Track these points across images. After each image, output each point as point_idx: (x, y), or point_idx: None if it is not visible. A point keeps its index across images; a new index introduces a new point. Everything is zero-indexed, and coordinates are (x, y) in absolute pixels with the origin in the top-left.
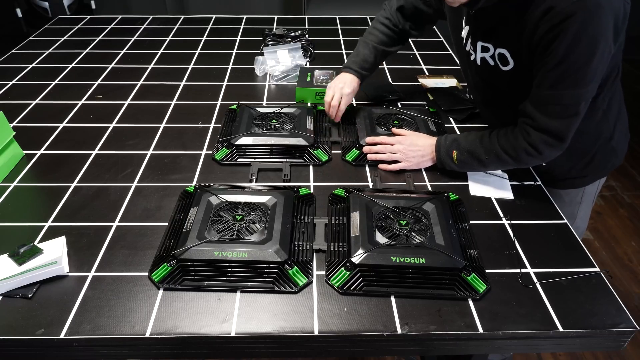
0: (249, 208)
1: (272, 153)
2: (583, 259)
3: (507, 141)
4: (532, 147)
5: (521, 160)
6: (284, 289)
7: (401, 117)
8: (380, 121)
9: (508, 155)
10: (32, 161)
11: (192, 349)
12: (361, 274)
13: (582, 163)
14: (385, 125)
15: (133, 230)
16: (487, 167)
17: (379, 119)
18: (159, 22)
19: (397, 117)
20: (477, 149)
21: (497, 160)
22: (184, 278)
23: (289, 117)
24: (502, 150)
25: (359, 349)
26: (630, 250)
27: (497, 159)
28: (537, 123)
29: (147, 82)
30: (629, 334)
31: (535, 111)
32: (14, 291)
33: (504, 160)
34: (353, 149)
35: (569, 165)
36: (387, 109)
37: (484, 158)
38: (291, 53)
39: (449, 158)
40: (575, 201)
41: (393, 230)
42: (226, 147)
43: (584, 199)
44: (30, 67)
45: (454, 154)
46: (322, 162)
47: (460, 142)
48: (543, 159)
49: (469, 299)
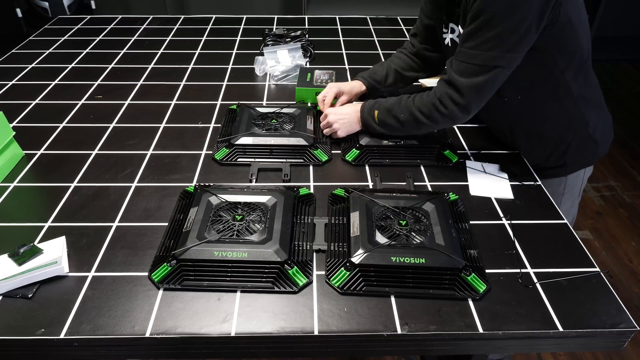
0: (249, 208)
1: (272, 153)
2: (583, 259)
3: (421, 99)
4: (440, 101)
5: (432, 117)
6: (284, 289)
7: None
8: None
9: (421, 112)
10: (32, 161)
11: (192, 349)
12: (361, 274)
13: (559, 151)
14: None
15: (133, 230)
16: (404, 127)
17: None
18: (159, 22)
19: None
20: (395, 108)
21: (412, 118)
22: (184, 278)
23: (289, 117)
24: (416, 108)
25: (359, 349)
26: (630, 250)
27: (412, 117)
28: (448, 77)
29: (147, 82)
30: (629, 334)
31: (450, 67)
32: (14, 291)
33: (418, 119)
34: (353, 149)
35: (544, 152)
36: None
37: (400, 116)
38: (291, 53)
39: (371, 118)
40: (558, 192)
41: (393, 230)
42: (226, 147)
43: (567, 190)
44: (30, 67)
45: (375, 114)
46: (322, 162)
47: (382, 103)
48: (450, 116)
49: (469, 299)
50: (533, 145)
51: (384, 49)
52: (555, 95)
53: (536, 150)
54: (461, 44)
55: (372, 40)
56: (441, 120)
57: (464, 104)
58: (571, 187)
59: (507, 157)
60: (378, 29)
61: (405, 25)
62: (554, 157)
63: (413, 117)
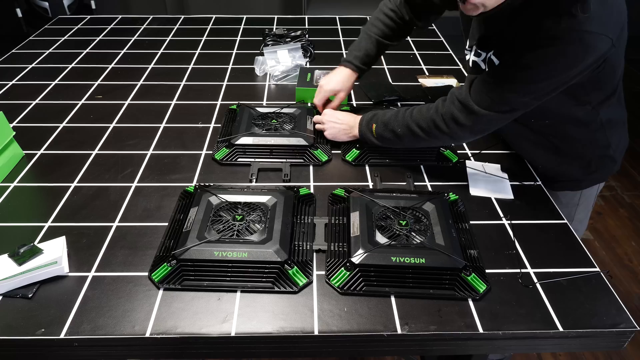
0: (249, 208)
1: (272, 153)
2: (583, 259)
3: (420, 113)
4: (442, 119)
5: (431, 133)
6: (284, 289)
7: None
8: None
9: (419, 127)
10: (32, 161)
11: (192, 349)
12: (361, 274)
13: (579, 169)
14: None
15: (133, 230)
16: (402, 141)
17: None
18: (159, 22)
19: None
20: (392, 122)
21: (409, 133)
22: (184, 278)
23: (289, 117)
24: (414, 122)
25: (359, 349)
26: (630, 250)
27: (409, 131)
28: (461, 97)
29: (147, 82)
30: (629, 334)
31: (467, 88)
32: (14, 291)
33: (416, 133)
34: (353, 149)
35: (564, 168)
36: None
37: (398, 130)
38: (291, 53)
39: (369, 131)
40: (573, 202)
41: (393, 230)
42: (226, 147)
43: (582, 200)
44: (30, 67)
45: (373, 127)
46: (322, 162)
47: (379, 115)
48: (450, 135)
49: (469, 299)
50: (550, 160)
51: None
52: (583, 122)
53: (553, 164)
54: (490, 73)
55: None
56: (440, 137)
57: (469, 126)
58: (586, 198)
59: (507, 157)
60: None
61: None
62: (573, 173)
63: (410, 131)
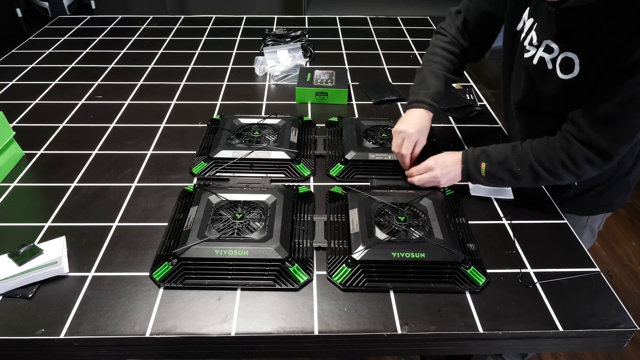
0: (248, 206)
1: (252, 167)
2: (583, 259)
3: (542, 151)
4: (571, 160)
5: (557, 174)
6: (285, 286)
7: (389, 129)
8: (368, 134)
9: (543, 167)
10: (32, 161)
11: (192, 349)
12: (362, 270)
13: (594, 194)
14: (373, 138)
15: (133, 230)
16: (519, 181)
17: (367, 131)
18: (159, 22)
19: (385, 129)
20: (509, 160)
21: (531, 172)
22: (185, 277)
23: (272, 129)
24: (536, 161)
25: (359, 349)
26: (630, 250)
27: (532, 170)
28: (584, 136)
29: (147, 82)
30: (629, 334)
31: (587, 124)
32: (14, 291)
33: (539, 173)
34: (338, 163)
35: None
36: (375, 121)
37: (517, 170)
38: (291, 53)
39: (476, 171)
40: (580, 224)
41: (392, 226)
42: (204, 160)
43: (589, 222)
44: (30, 67)
45: (482, 166)
46: (304, 177)
47: (490, 153)
48: (580, 175)
49: (468, 292)
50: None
51: (383, 49)
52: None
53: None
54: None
55: (372, 40)
56: (568, 177)
57: (605, 166)
58: (593, 221)
59: None
60: (378, 29)
61: (405, 25)
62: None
63: (533, 170)
